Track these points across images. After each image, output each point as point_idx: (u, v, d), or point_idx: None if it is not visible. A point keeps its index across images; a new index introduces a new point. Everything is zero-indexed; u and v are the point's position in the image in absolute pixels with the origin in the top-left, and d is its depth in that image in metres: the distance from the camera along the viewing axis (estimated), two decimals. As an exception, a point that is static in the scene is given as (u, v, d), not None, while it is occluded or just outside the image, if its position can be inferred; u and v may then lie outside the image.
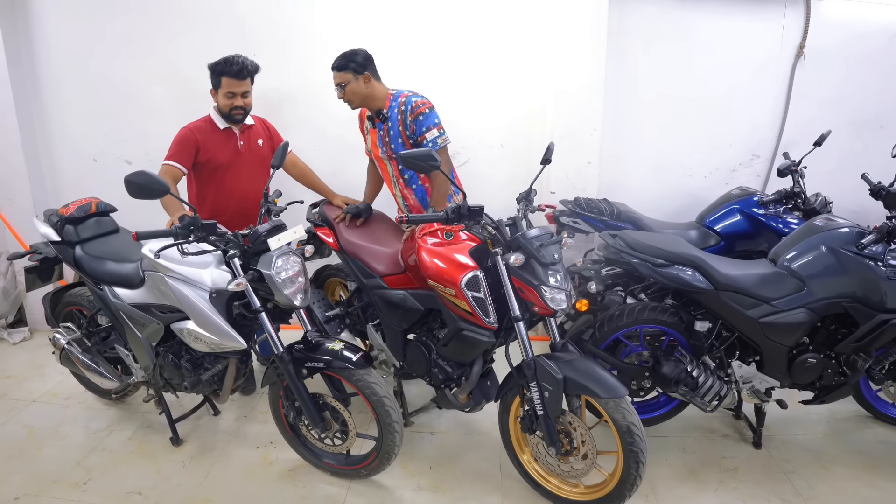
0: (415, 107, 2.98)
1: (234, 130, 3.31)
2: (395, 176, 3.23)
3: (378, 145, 3.17)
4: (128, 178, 2.11)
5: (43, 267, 3.09)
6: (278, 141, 3.54)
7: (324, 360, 2.47)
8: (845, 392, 2.82)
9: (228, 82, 3.14)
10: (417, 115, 2.98)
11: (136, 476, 2.80)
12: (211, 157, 3.25)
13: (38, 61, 4.07)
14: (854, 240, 2.58)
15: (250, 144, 3.38)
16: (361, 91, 3.03)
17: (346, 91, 3.03)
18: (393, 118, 3.05)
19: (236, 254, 2.39)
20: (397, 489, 2.72)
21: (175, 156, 3.15)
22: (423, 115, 2.98)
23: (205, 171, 3.27)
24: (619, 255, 2.84)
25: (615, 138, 4.17)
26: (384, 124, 3.09)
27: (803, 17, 4.05)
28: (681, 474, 2.80)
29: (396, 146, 3.08)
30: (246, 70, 3.16)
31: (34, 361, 3.94)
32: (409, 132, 3.01)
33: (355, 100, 3.07)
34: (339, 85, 3.03)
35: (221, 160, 3.28)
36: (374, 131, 3.17)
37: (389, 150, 3.12)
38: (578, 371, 2.27)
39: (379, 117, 3.09)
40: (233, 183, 3.33)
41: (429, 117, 2.99)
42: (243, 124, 3.35)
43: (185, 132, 3.21)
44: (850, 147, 4.27)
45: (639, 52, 4.08)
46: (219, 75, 3.15)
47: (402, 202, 3.31)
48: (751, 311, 2.64)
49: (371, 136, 3.22)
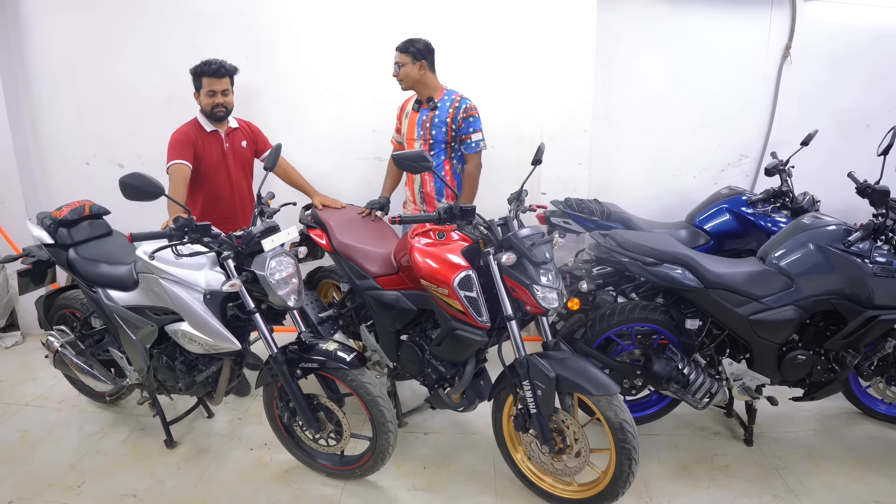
0: (469, 107, 3.33)
1: (219, 133, 3.37)
2: None
3: (416, 128, 3.44)
4: (122, 179, 2.12)
5: (36, 270, 3.09)
6: (262, 142, 3.61)
7: (318, 361, 2.48)
8: (835, 388, 2.86)
9: (208, 81, 3.24)
10: (469, 116, 3.33)
11: (130, 479, 2.80)
12: (201, 158, 3.29)
13: (30, 64, 4.06)
14: (841, 237, 2.61)
15: (234, 147, 3.45)
16: (414, 76, 3.33)
17: (402, 72, 3.33)
18: (443, 109, 3.35)
19: (230, 255, 2.40)
20: (392, 489, 2.73)
21: (179, 154, 3.18)
22: (474, 118, 3.35)
23: (196, 174, 3.29)
24: (610, 255, 2.87)
25: (605, 139, 4.20)
26: (430, 111, 3.38)
27: (789, 18, 4.10)
28: (673, 471, 2.83)
29: (437, 132, 3.37)
30: (224, 69, 3.26)
31: (26, 365, 3.93)
32: (455, 126, 3.34)
33: (407, 81, 3.36)
34: (397, 64, 3.33)
35: (209, 162, 3.34)
36: (415, 116, 3.46)
37: (429, 134, 3.39)
38: (571, 369, 2.29)
39: (428, 104, 3.40)
40: (218, 185, 3.39)
41: (478, 121, 3.37)
42: (228, 127, 3.42)
43: (179, 134, 3.25)
44: (837, 146, 4.32)
45: (627, 52, 4.11)
46: (199, 76, 3.24)
47: (419, 188, 3.54)
48: (740, 308, 2.67)
49: (409, 120, 3.49)
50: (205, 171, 3.33)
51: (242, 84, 3.78)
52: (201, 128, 3.33)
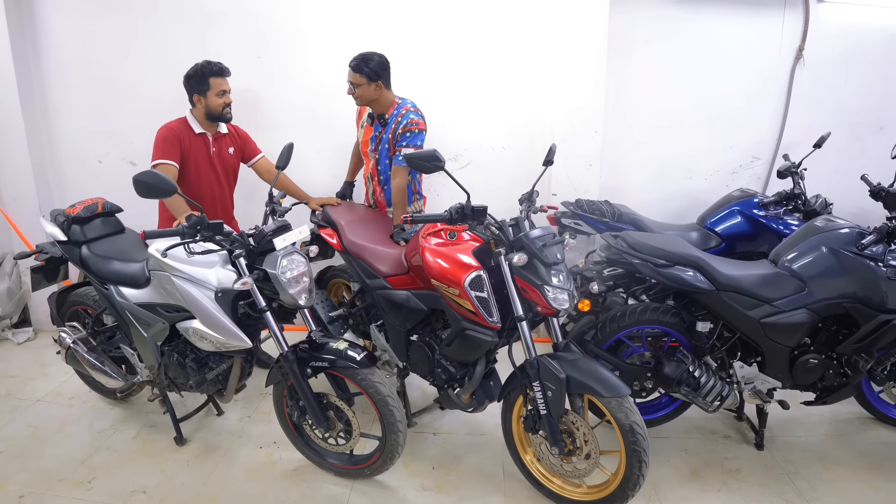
0: (409, 122, 3.22)
1: (207, 136, 3.38)
2: (371, 172, 3.52)
3: (370, 142, 3.43)
4: (136, 177, 2.14)
5: (49, 267, 3.11)
6: (250, 148, 3.64)
7: (328, 360, 2.48)
8: (847, 393, 2.83)
9: (217, 81, 3.27)
10: (406, 131, 3.23)
11: (140, 475, 2.81)
12: (186, 158, 3.30)
13: (44, 63, 4.10)
14: (854, 240, 2.59)
15: (221, 152, 3.47)
16: (370, 96, 3.25)
17: (357, 92, 3.25)
18: (388, 126, 3.30)
19: (242, 253, 2.41)
20: (400, 489, 2.73)
21: (166, 154, 3.19)
22: (412, 134, 3.23)
23: (178, 173, 3.30)
24: (621, 256, 2.86)
25: (616, 140, 4.20)
26: (382, 127, 3.34)
27: (802, 20, 4.08)
28: (683, 475, 2.81)
29: (383, 149, 3.36)
30: (226, 68, 3.30)
31: (38, 361, 3.96)
32: (395, 140, 3.27)
33: (362, 100, 3.29)
34: (352, 84, 3.24)
35: (193, 164, 3.34)
36: (370, 128, 3.42)
37: (376, 150, 3.39)
38: (581, 371, 2.29)
39: (379, 120, 3.34)
40: (199, 188, 3.39)
41: (415, 137, 3.24)
42: (217, 132, 3.43)
43: (166, 131, 3.26)
44: (850, 149, 4.29)
45: (639, 54, 4.10)
46: (206, 77, 3.25)
47: (371, 196, 3.60)
48: (752, 311, 2.65)
49: (365, 131, 3.46)
50: (187, 171, 3.33)
51: (252, 84, 3.81)
52: (189, 128, 3.33)
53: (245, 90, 3.76)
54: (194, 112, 3.36)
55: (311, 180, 3.73)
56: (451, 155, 4.09)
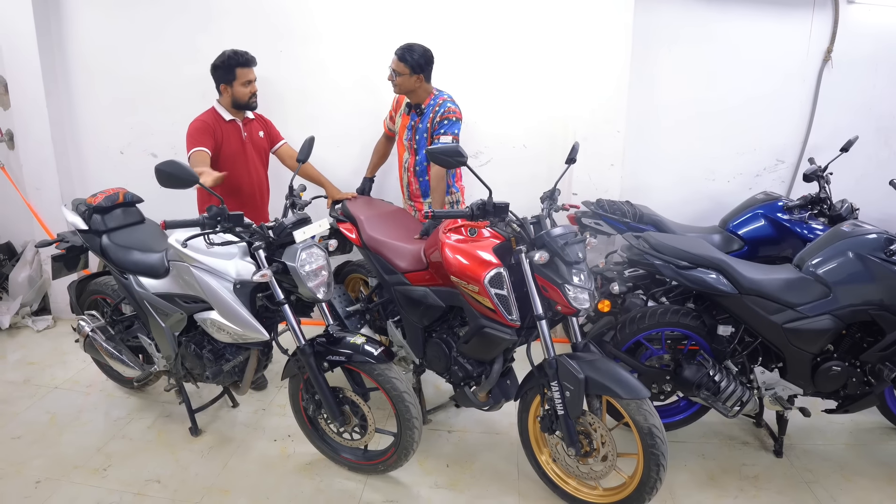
0: (447, 111, 3.30)
1: (238, 123, 3.41)
2: (408, 163, 3.57)
3: (406, 131, 3.49)
4: (158, 167, 2.15)
5: (69, 255, 3.13)
6: (275, 134, 3.67)
7: (345, 354, 2.48)
8: (870, 402, 2.77)
9: (243, 72, 3.29)
10: (444, 119, 3.30)
11: (155, 464, 2.83)
12: (221, 147, 3.32)
13: (69, 58, 4.14)
14: (882, 246, 2.54)
15: (252, 136, 3.50)
16: (410, 86, 3.33)
17: (397, 80, 3.32)
18: (426, 116, 3.36)
19: (261, 245, 2.41)
20: (414, 486, 2.72)
21: (199, 143, 3.20)
22: (448, 122, 3.30)
23: (215, 162, 3.30)
24: (643, 257, 2.82)
25: (638, 140, 4.15)
26: (417, 117, 3.40)
27: (831, 22, 4.01)
28: (700, 480, 2.78)
29: (420, 138, 3.41)
30: (252, 58, 3.33)
31: (57, 349, 4.00)
32: (433, 129, 3.33)
33: (402, 88, 3.36)
34: (394, 71, 3.31)
35: (229, 151, 3.37)
36: (407, 118, 3.48)
37: (414, 140, 3.44)
38: (600, 371, 2.26)
39: (416, 109, 3.41)
40: (238, 174, 3.41)
41: (452, 125, 3.31)
42: (245, 117, 3.46)
43: (198, 123, 3.28)
44: (878, 153, 4.22)
45: (663, 53, 4.05)
46: (232, 68, 3.27)
47: (406, 188, 3.64)
48: (775, 316, 2.60)
49: (402, 121, 3.52)
50: (224, 159, 3.35)
51: (276, 76, 3.81)
52: (220, 116, 3.36)
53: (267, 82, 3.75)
54: (221, 101, 3.38)
55: (330, 176, 3.72)
56: (471, 152, 4.06)
